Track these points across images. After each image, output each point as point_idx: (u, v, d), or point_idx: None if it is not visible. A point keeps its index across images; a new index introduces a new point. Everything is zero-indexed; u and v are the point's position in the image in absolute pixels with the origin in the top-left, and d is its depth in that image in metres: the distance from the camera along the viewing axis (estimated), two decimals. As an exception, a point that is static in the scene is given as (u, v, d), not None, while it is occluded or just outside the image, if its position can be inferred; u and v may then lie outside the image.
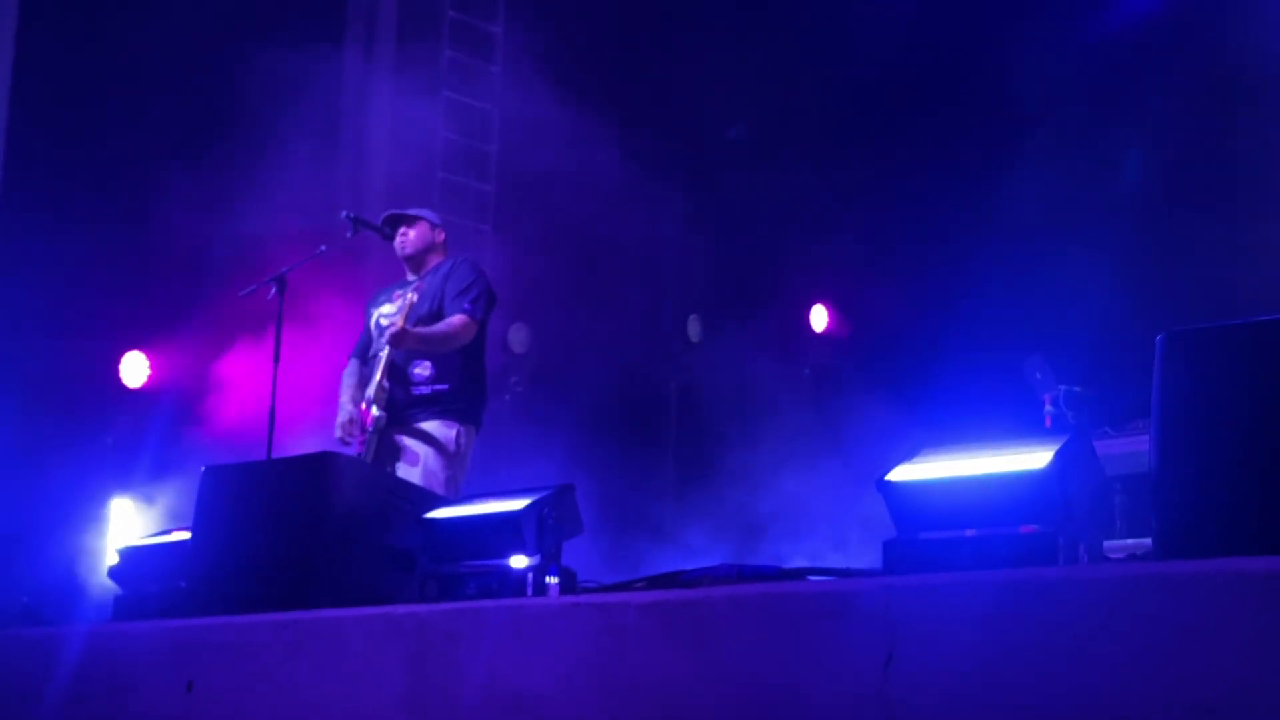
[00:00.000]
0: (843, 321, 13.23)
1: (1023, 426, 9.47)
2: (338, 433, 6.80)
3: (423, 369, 6.74)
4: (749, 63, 12.03)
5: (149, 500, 9.74)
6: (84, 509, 9.79)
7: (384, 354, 6.66)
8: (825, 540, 10.10)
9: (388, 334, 6.63)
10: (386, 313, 6.92)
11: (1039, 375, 9.73)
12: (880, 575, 3.61)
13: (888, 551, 3.70)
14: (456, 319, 6.73)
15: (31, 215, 9.55)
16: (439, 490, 6.44)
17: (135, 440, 9.79)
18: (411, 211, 7.15)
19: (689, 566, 4.33)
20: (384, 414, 6.63)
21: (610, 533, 9.51)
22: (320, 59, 10.43)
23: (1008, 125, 10.77)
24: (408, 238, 7.06)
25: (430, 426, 6.72)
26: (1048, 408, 9.61)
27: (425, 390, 6.74)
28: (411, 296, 6.80)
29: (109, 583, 5.98)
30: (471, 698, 3.79)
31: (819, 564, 4.68)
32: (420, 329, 6.68)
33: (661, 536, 10.70)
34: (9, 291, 9.52)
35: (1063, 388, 9.60)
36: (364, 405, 6.70)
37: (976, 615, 2.99)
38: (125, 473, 9.78)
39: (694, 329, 12.89)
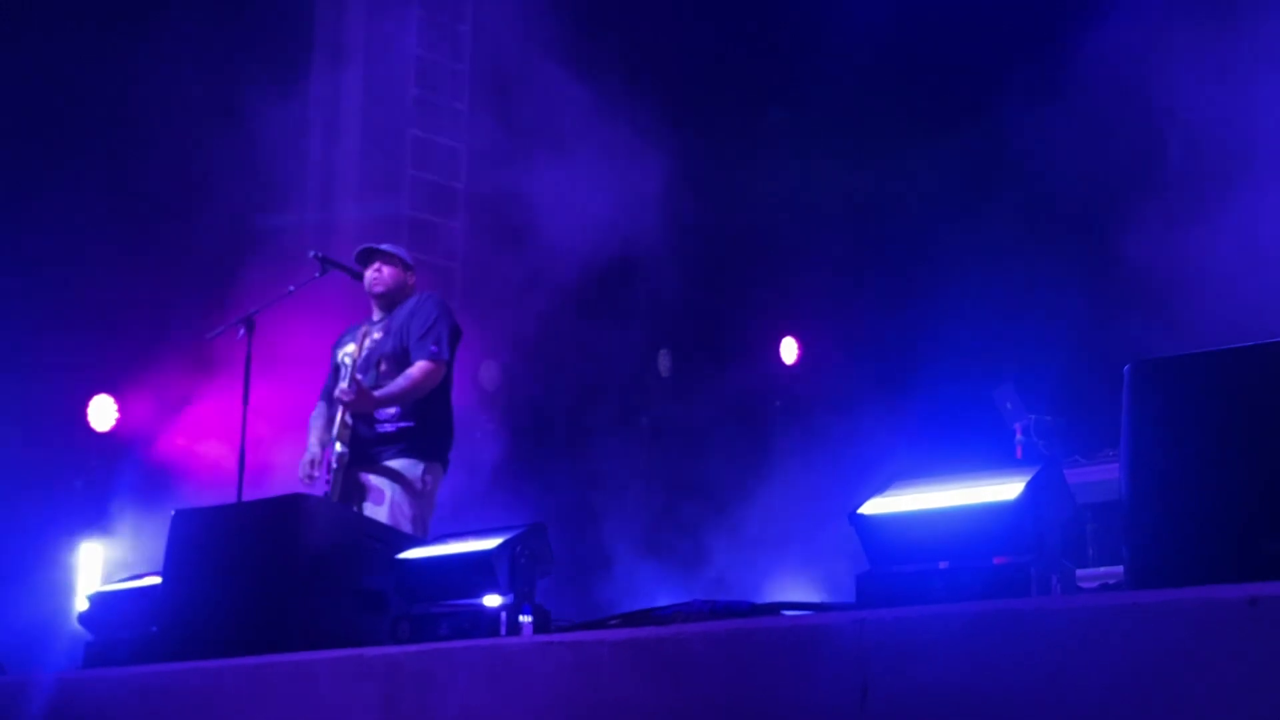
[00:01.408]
0: (812, 354, 13.26)
1: (994, 455, 9.51)
2: (301, 471, 6.76)
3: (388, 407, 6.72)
4: (715, 90, 12.08)
5: (118, 544, 9.68)
6: (52, 553, 9.74)
7: (344, 382, 6.63)
8: (798, 574, 10.10)
9: (340, 399, 6.58)
10: (350, 352, 6.89)
11: (1009, 404, 9.78)
12: (854, 609, 3.60)
13: (861, 584, 3.69)
14: (419, 368, 6.68)
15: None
16: (406, 529, 6.40)
17: (104, 484, 9.75)
18: (386, 247, 7.09)
19: (661, 603, 4.32)
20: (347, 450, 6.59)
21: (583, 570, 9.50)
22: (288, 101, 10.44)
23: (978, 154, 10.82)
24: (381, 275, 7.01)
25: (397, 464, 6.69)
26: (1019, 437, 9.65)
27: (390, 428, 6.71)
28: (375, 334, 6.78)
29: (79, 628, 5.93)
30: (446, 739, 3.77)
31: (792, 598, 4.67)
32: (380, 392, 6.62)
33: (634, 572, 10.69)
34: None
35: (1033, 416, 9.65)
36: (326, 450, 6.66)
37: (951, 647, 2.99)
38: (94, 516, 9.73)
39: (664, 363, 12.90)
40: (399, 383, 6.65)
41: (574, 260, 10.99)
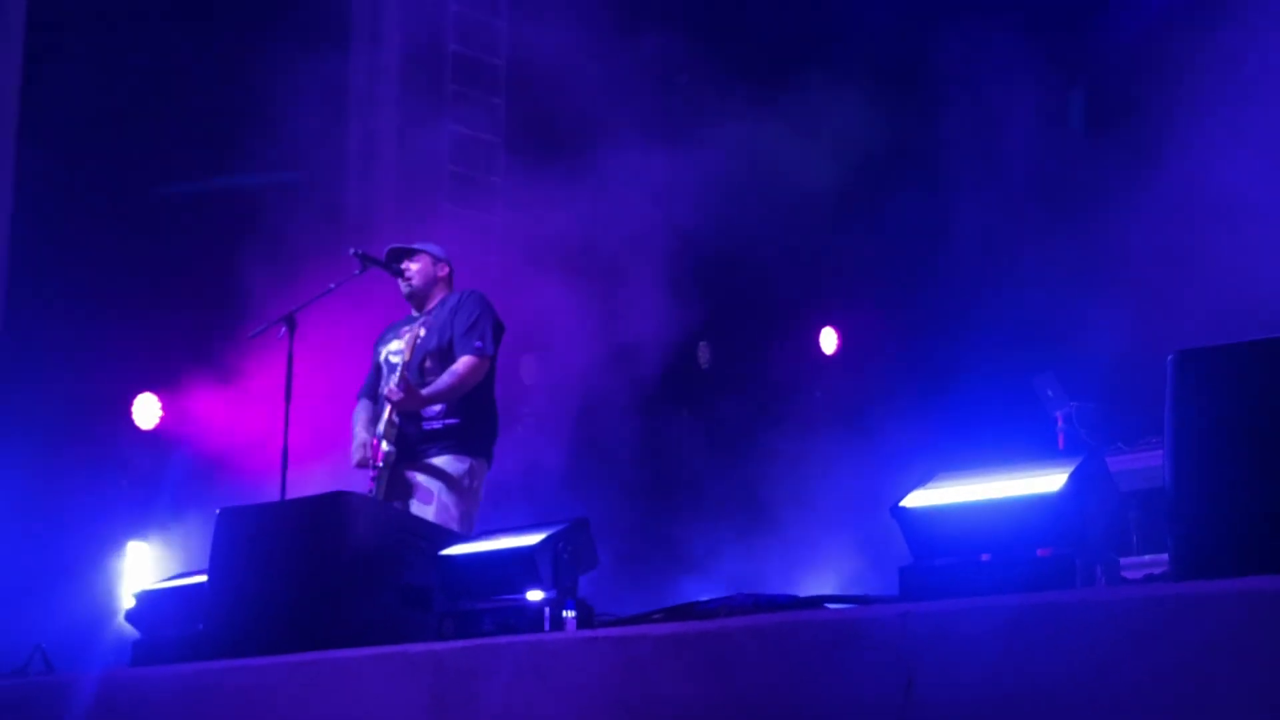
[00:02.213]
0: (852, 344, 13.23)
1: (1036, 445, 9.47)
2: (354, 457, 6.78)
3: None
4: (757, 77, 12.05)
5: (164, 543, 9.74)
6: (99, 552, 9.80)
7: (392, 381, 6.64)
8: (840, 567, 10.09)
9: (389, 398, 6.60)
10: (394, 349, 6.90)
11: (1050, 393, 9.74)
12: (897, 602, 3.60)
13: (904, 578, 3.69)
14: (464, 363, 6.69)
15: (43, 258, 9.59)
16: (453, 526, 6.41)
17: (149, 483, 9.80)
18: (414, 245, 7.12)
19: (705, 597, 4.32)
20: (394, 449, 6.62)
21: (625, 564, 9.50)
22: (326, 98, 10.48)
23: (1021, 142, 10.77)
24: (410, 271, 7.04)
25: (442, 462, 6.70)
26: (1060, 425, 9.61)
27: (437, 425, 6.73)
28: (420, 331, 6.79)
29: (126, 626, 5.97)
30: (491, 735, 3.78)
31: (835, 591, 4.67)
32: (427, 390, 6.64)
33: (676, 566, 10.69)
34: (22, 335, 9.55)
35: (1075, 404, 9.60)
36: (375, 440, 6.68)
37: (995, 640, 2.98)
38: (140, 515, 9.79)
39: (704, 355, 12.89)
40: (445, 379, 6.67)
41: (612, 253, 10.99)
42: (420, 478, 6.69)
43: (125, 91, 9.74)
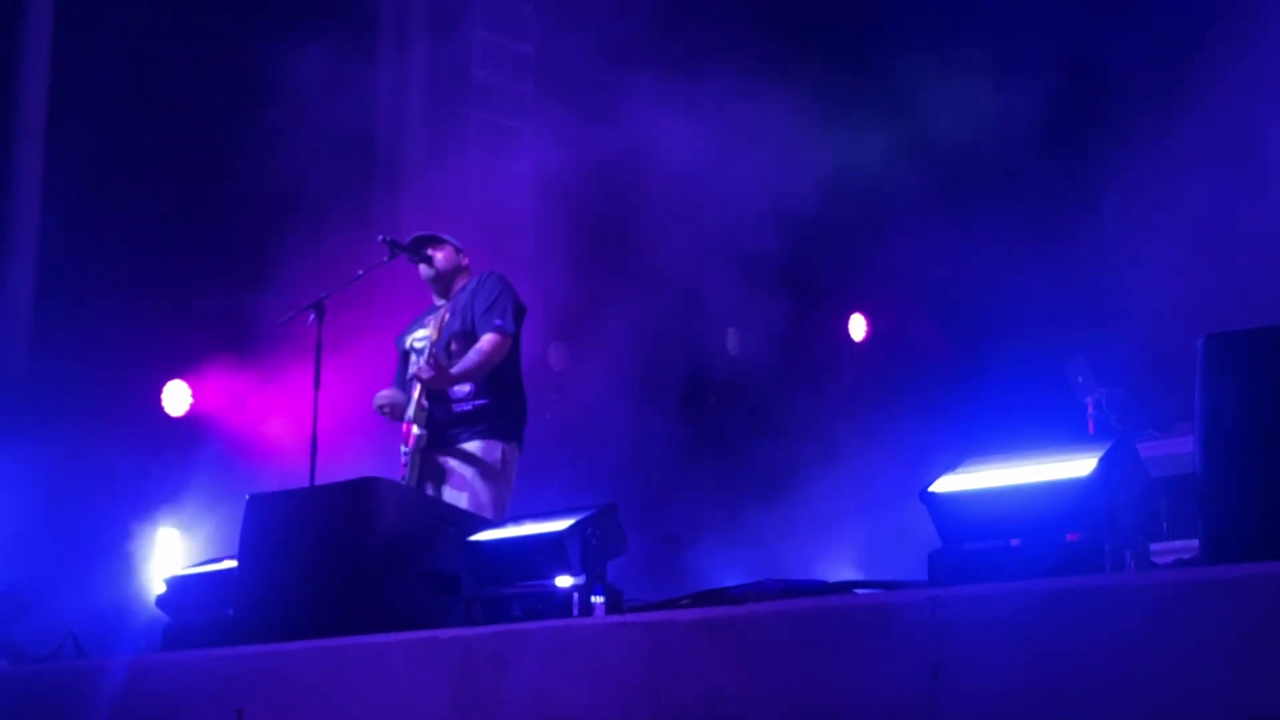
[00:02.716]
0: (881, 330, 13.20)
1: (1066, 431, 9.44)
2: (377, 401, 6.83)
3: (462, 385, 6.74)
4: (786, 68, 12.01)
5: (194, 528, 9.79)
6: (129, 537, 9.85)
7: (423, 358, 6.66)
8: (869, 552, 10.07)
9: (419, 375, 6.61)
10: (420, 336, 6.92)
11: (1080, 378, 9.70)
12: (926, 587, 3.59)
13: (933, 563, 3.68)
14: (486, 340, 6.71)
15: (73, 247, 9.63)
16: (488, 512, 6.42)
17: (179, 469, 9.85)
18: (437, 234, 7.16)
19: (732, 582, 4.32)
20: (425, 432, 6.63)
21: (654, 549, 9.50)
22: (353, 86, 10.49)
23: (1048, 122, 10.72)
24: (436, 257, 7.06)
25: (474, 447, 6.71)
26: (1090, 410, 9.58)
27: (466, 407, 6.74)
28: (444, 314, 6.81)
29: (156, 611, 6.00)
30: (519, 719, 3.79)
31: (864, 577, 4.66)
32: (454, 369, 6.66)
33: (704, 552, 10.69)
34: (53, 323, 9.60)
35: (1105, 390, 9.56)
36: (405, 424, 6.70)
37: (1024, 625, 2.98)
38: (170, 501, 9.84)
39: (732, 341, 12.88)
40: (470, 357, 6.69)
41: (640, 240, 10.98)
42: (453, 463, 6.70)
43: (154, 81, 9.78)
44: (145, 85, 9.76)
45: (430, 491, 6.57)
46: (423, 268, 7.08)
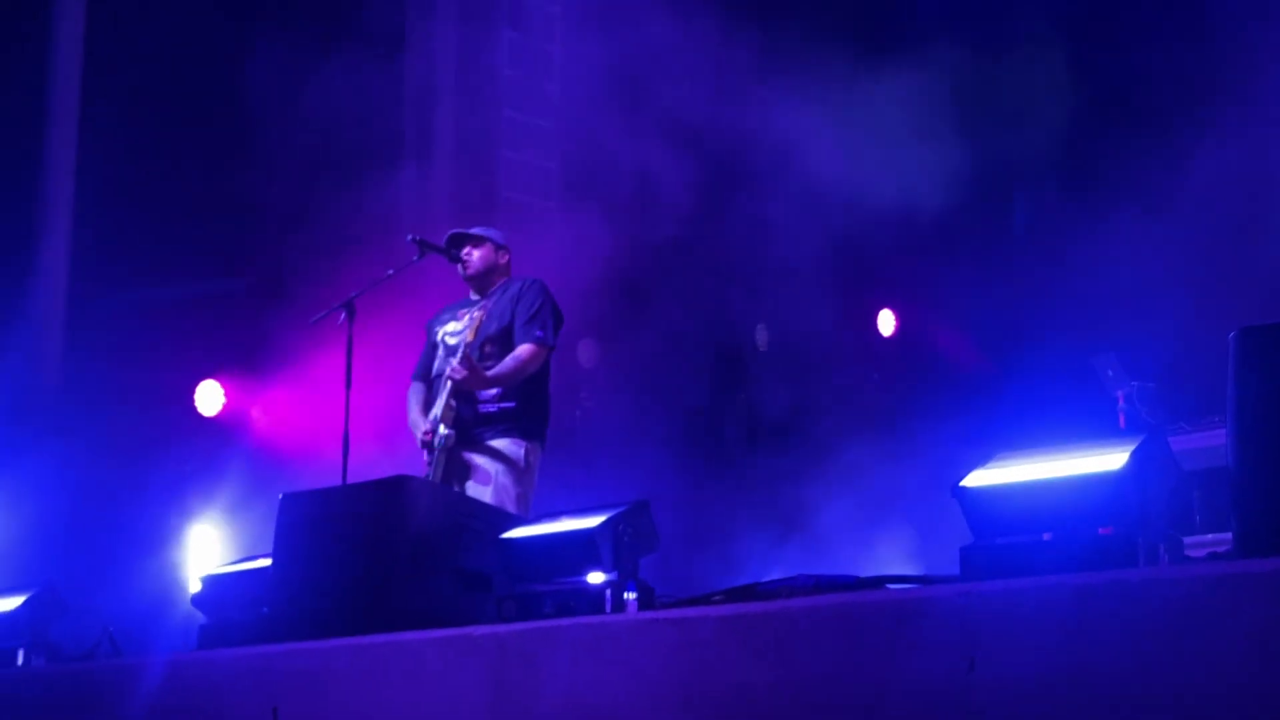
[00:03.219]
0: (910, 325, 13.17)
1: (1096, 425, 9.41)
2: (417, 433, 6.82)
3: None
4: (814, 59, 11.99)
5: (228, 527, 9.83)
6: (164, 536, 9.90)
7: (455, 358, 6.67)
8: (900, 547, 10.06)
9: (452, 376, 6.62)
10: (452, 330, 6.92)
11: (1111, 372, 9.68)
12: (959, 582, 3.59)
13: (965, 557, 3.68)
14: (525, 350, 6.72)
15: (104, 249, 9.69)
16: (511, 507, 6.45)
17: (213, 468, 9.89)
18: (476, 231, 7.13)
19: (764, 578, 4.33)
20: (452, 432, 6.65)
21: (684, 545, 9.51)
22: (382, 81, 10.52)
23: (1077, 121, 10.69)
24: (472, 258, 7.06)
25: (500, 444, 6.73)
26: (1121, 405, 9.55)
27: (492, 408, 6.76)
28: (479, 315, 6.81)
29: (192, 610, 6.03)
30: (553, 715, 3.80)
31: (895, 572, 4.67)
32: (490, 372, 6.67)
33: (736, 547, 10.69)
34: (86, 324, 9.65)
35: (1135, 384, 9.53)
36: (430, 424, 6.72)
37: (1058, 619, 2.98)
38: (204, 500, 9.89)
39: (761, 337, 12.87)
40: (507, 363, 6.70)
41: (668, 232, 10.99)
42: (478, 459, 6.72)
43: (183, 81, 9.82)
44: (175, 86, 9.80)
45: (455, 489, 6.59)
46: (459, 267, 7.09)
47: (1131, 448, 3.55)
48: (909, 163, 11.33)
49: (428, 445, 6.73)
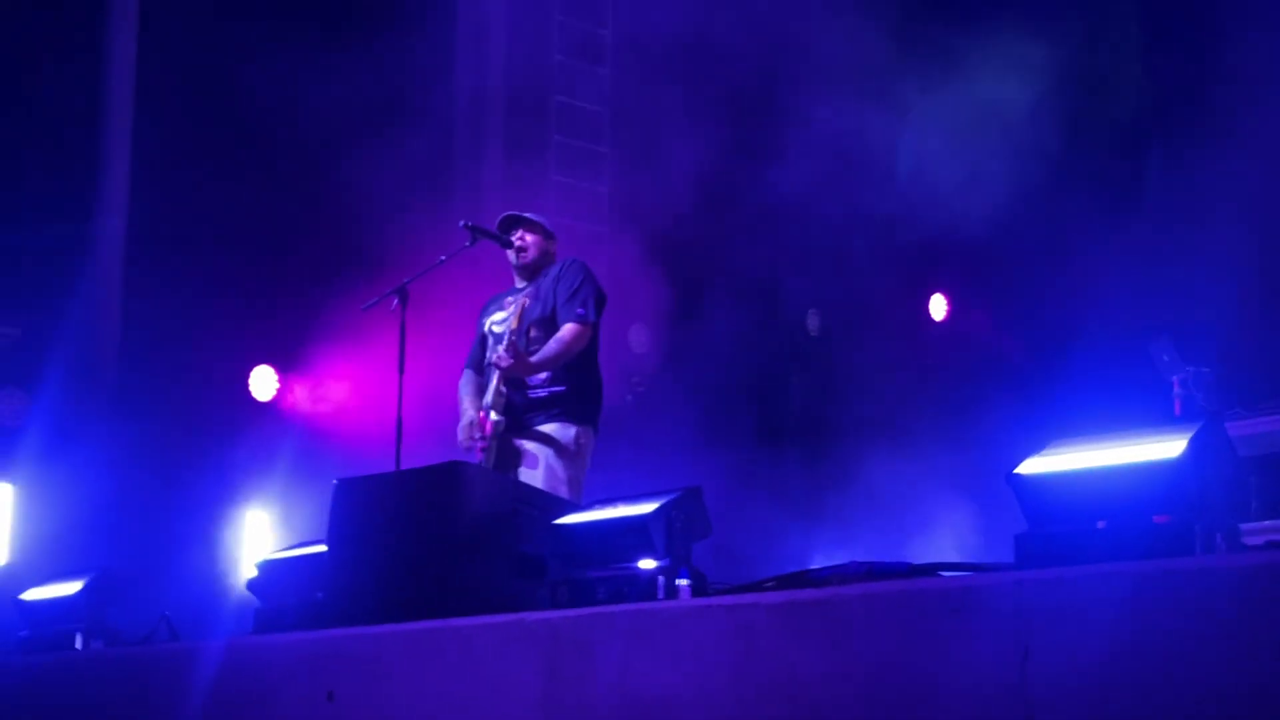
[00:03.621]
0: (963, 310, 13.12)
1: (1152, 410, 9.35)
2: (461, 435, 6.84)
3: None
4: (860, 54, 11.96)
5: (282, 512, 9.89)
6: (219, 522, 9.98)
7: (501, 346, 6.68)
8: (953, 534, 10.03)
9: (497, 364, 6.64)
10: (499, 319, 6.94)
11: (1166, 358, 9.61)
12: (1013, 569, 3.58)
13: (1019, 545, 3.66)
14: (568, 330, 6.72)
15: (159, 237, 9.75)
16: (562, 491, 6.46)
17: (267, 453, 9.96)
18: (529, 215, 7.14)
19: (817, 565, 4.32)
20: (503, 419, 6.66)
21: (737, 532, 9.50)
22: (433, 73, 10.54)
23: (1138, 109, 10.62)
24: (525, 243, 7.06)
25: (549, 429, 6.74)
26: (1177, 390, 9.49)
27: (542, 393, 6.76)
28: (525, 301, 6.82)
29: (248, 595, 6.08)
30: (606, 702, 3.81)
31: (949, 559, 4.65)
32: (534, 357, 6.68)
33: (788, 534, 10.68)
34: (142, 312, 9.72)
35: (1191, 369, 9.47)
36: (483, 411, 6.74)
37: (1113, 608, 2.96)
38: (258, 486, 9.95)
39: (813, 322, 12.85)
40: (551, 346, 6.71)
41: (721, 223, 10.97)
42: (528, 444, 6.73)
43: (238, 69, 9.87)
44: (230, 73, 9.86)
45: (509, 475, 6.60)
46: (509, 252, 7.09)
47: (1188, 434, 3.52)
48: (965, 148, 11.29)
49: (468, 446, 6.75)
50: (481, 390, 6.86)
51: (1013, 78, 10.86)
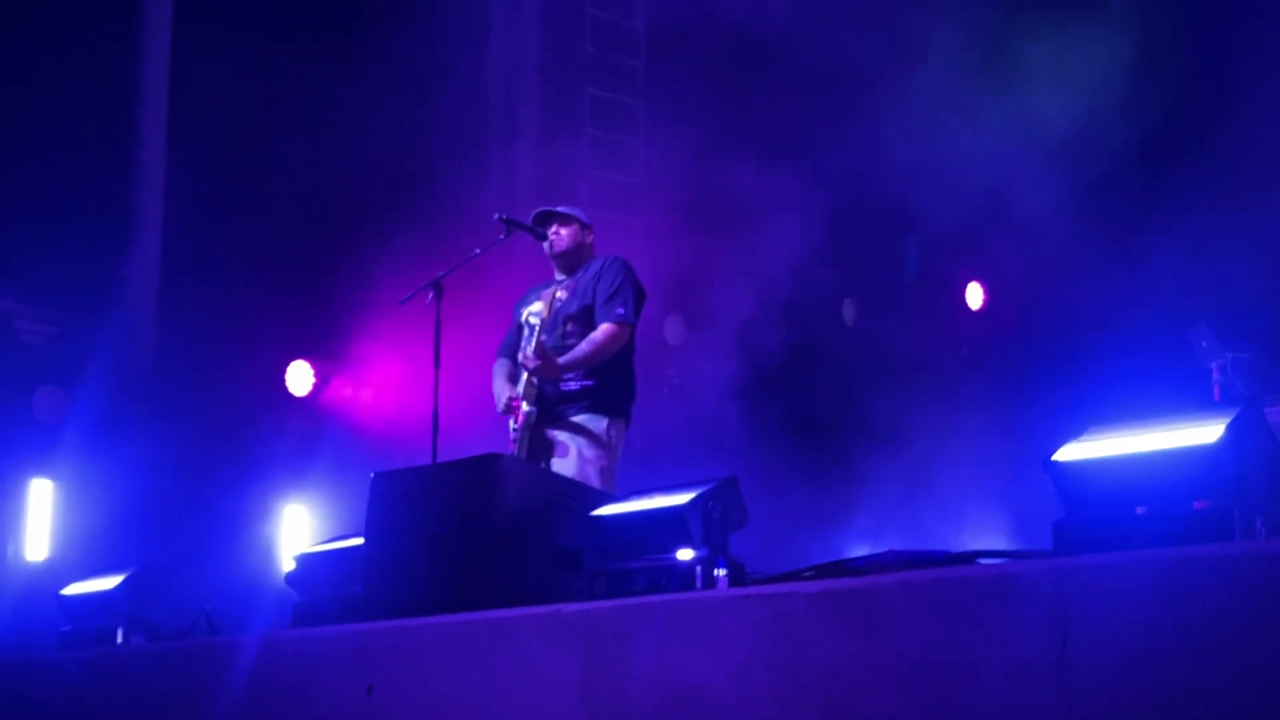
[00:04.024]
0: (998, 298, 13.07)
1: (1190, 396, 9.31)
2: (499, 405, 6.85)
3: None
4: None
5: (319, 506, 9.93)
6: (257, 516, 10.02)
7: (530, 347, 6.68)
8: (990, 522, 10.00)
9: (525, 366, 6.65)
10: (535, 310, 6.93)
11: (1204, 343, 9.56)
12: (1051, 556, 3.56)
13: (1057, 532, 3.65)
14: (604, 331, 6.71)
15: (195, 233, 9.80)
16: (594, 479, 6.47)
17: (304, 447, 9.99)
18: (563, 209, 7.13)
19: (856, 553, 4.31)
20: (534, 409, 6.67)
21: (774, 521, 9.49)
22: (466, 65, 10.56)
23: (1171, 92, 10.56)
24: (560, 236, 7.05)
25: (580, 419, 6.74)
26: (1215, 376, 9.44)
27: (574, 385, 6.76)
28: (558, 293, 6.82)
29: (286, 588, 6.10)
30: (645, 692, 3.82)
31: (986, 547, 4.63)
32: (564, 359, 6.67)
33: (824, 523, 10.67)
34: (179, 308, 9.77)
35: (1229, 355, 9.42)
36: (516, 400, 6.74)
37: (1152, 594, 2.95)
38: (296, 480, 9.99)
39: (848, 312, 12.82)
40: (583, 348, 6.70)
41: (756, 210, 10.96)
42: (560, 435, 6.73)
43: (270, 63, 9.91)
44: (262, 69, 9.90)
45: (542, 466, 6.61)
46: (547, 243, 7.09)
47: (1227, 419, 3.50)
48: (1000, 136, 11.24)
49: (506, 411, 6.76)
50: (514, 377, 6.87)
51: (1051, 69, 10.82)
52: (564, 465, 6.60)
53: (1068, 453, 3.72)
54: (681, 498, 4.43)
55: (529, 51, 11.58)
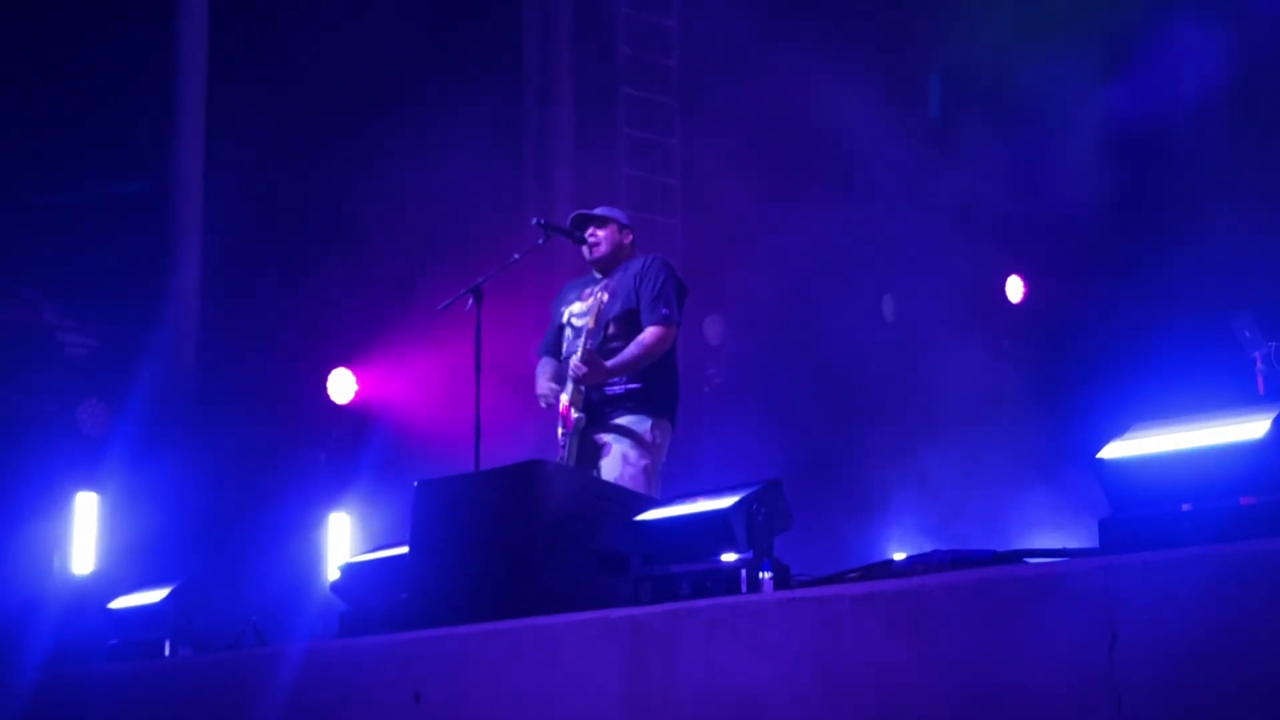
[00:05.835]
0: (1040, 291, 13.01)
1: (1234, 387, 9.25)
2: (542, 404, 6.86)
3: None
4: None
5: (364, 514, 9.96)
6: (301, 525, 10.06)
7: (577, 356, 6.68)
8: (1036, 520, 9.95)
9: (574, 375, 6.64)
10: (577, 311, 6.92)
11: (1248, 333, 9.50)
12: (1098, 554, 3.54)
13: (1104, 530, 3.63)
14: (651, 333, 6.69)
15: (236, 244, 9.84)
16: (639, 480, 6.46)
17: (347, 456, 10.02)
18: (600, 212, 7.11)
19: (901, 554, 4.30)
20: (583, 415, 6.67)
21: (819, 523, 9.48)
22: (502, 71, 10.58)
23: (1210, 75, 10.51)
24: (597, 239, 7.04)
25: (625, 420, 6.72)
26: (1259, 366, 9.38)
27: (619, 389, 6.75)
28: (602, 296, 6.79)
29: (332, 598, 6.12)
30: (692, 696, 3.82)
31: (1032, 546, 4.61)
32: (612, 362, 6.65)
33: (870, 523, 10.64)
34: (221, 318, 9.82)
35: (1273, 344, 9.35)
36: (562, 407, 6.74)
37: (1201, 592, 2.93)
38: (340, 489, 10.02)
39: (888, 307, 12.80)
40: (631, 350, 6.68)
41: (791, 210, 10.95)
42: (606, 438, 6.72)
43: (310, 73, 9.94)
44: (302, 81, 9.93)
45: (589, 472, 6.61)
46: (583, 248, 7.09)
47: (1274, 415, 3.47)
48: (1035, 130, 11.19)
49: (548, 405, 6.77)
50: (557, 376, 6.86)
51: (1092, 65, 10.78)
52: (609, 467, 6.60)
53: (1113, 450, 3.70)
54: (726, 501, 4.42)
55: (563, 53, 11.59)
